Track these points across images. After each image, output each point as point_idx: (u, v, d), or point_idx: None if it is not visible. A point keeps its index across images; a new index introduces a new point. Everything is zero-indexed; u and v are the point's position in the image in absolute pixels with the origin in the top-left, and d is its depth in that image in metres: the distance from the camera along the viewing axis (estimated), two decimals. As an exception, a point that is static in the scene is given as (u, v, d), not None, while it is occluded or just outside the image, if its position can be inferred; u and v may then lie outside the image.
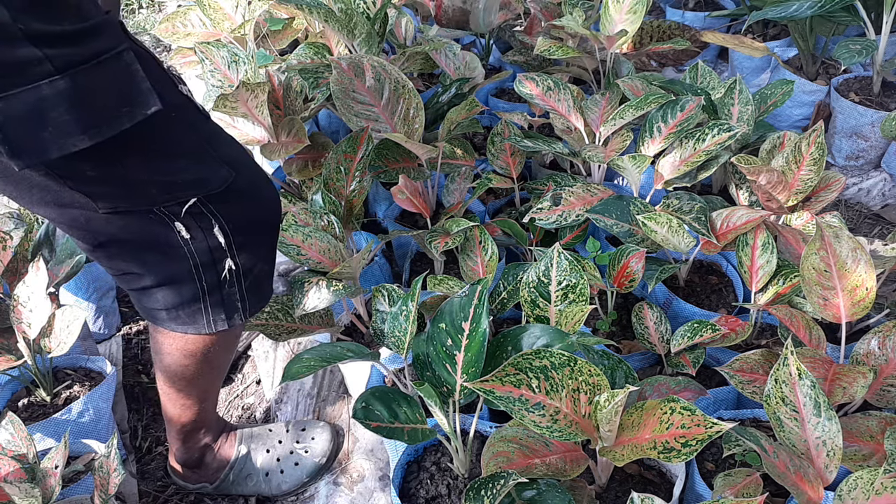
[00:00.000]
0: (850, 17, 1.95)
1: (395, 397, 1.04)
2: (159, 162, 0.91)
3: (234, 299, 1.06)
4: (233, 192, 0.98)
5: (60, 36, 0.75)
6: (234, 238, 1.00)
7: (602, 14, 1.81)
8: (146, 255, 0.99)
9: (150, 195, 0.92)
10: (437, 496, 1.08)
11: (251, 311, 1.10)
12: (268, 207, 1.08)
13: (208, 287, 1.02)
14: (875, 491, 0.86)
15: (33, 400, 1.39)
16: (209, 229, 0.97)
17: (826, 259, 1.15)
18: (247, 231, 1.02)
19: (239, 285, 1.05)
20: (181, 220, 0.95)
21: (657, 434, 0.88)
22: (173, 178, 0.93)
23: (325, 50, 1.76)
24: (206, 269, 1.00)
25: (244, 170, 1.02)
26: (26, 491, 1.04)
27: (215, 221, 0.97)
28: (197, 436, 1.30)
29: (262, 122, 1.55)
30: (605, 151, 1.51)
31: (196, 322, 1.06)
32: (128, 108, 0.81)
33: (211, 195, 0.95)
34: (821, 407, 0.95)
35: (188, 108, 0.94)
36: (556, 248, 1.16)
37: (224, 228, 0.98)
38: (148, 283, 1.02)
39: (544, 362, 0.91)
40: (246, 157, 1.06)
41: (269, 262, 1.12)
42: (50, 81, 0.74)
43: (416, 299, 1.09)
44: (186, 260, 0.98)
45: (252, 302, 1.09)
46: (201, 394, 1.22)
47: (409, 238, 1.61)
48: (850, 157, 2.05)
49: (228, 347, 1.20)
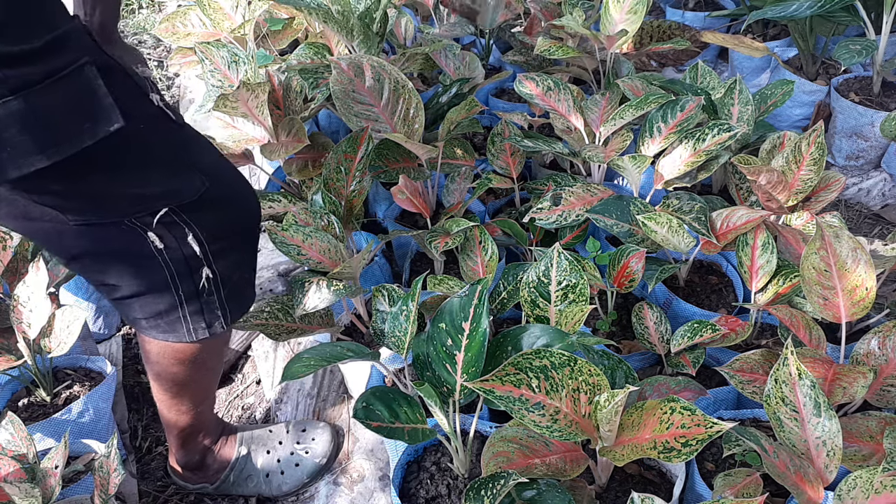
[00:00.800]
0: (850, 17, 1.95)
1: (395, 397, 1.04)
2: (128, 174, 0.89)
3: (214, 307, 1.04)
4: (207, 200, 0.96)
5: (20, 56, 0.74)
6: (209, 246, 0.98)
7: (602, 14, 1.81)
8: (120, 267, 0.98)
9: (120, 207, 0.91)
10: (437, 496, 1.08)
11: (233, 318, 1.08)
12: (245, 214, 1.06)
13: (186, 296, 1.01)
14: (874, 490, 0.86)
15: (33, 400, 1.39)
16: (183, 238, 0.96)
17: (826, 259, 1.15)
18: (223, 239, 1.01)
19: (218, 293, 1.03)
20: (154, 231, 0.93)
21: (657, 434, 0.88)
22: (143, 189, 0.91)
23: (324, 50, 1.76)
24: (183, 278, 0.99)
25: (221, 177, 1.00)
26: (26, 491, 1.04)
27: (189, 230, 0.96)
28: (196, 439, 1.29)
29: (262, 122, 1.55)
30: (605, 151, 1.51)
31: (176, 331, 1.05)
32: (89, 124, 0.79)
33: (184, 204, 0.94)
34: (821, 407, 0.95)
35: (160, 118, 0.92)
36: (556, 248, 1.16)
37: (199, 237, 0.97)
38: (124, 294, 1.00)
39: (544, 362, 0.91)
40: (223, 164, 1.04)
41: (249, 269, 1.10)
42: (3, 102, 0.73)
43: (416, 299, 1.09)
44: (162, 270, 0.97)
45: (233, 309, 1.07)
46: (196, 398, 1.21)
47: (409, 238, 1.61)
48: (850, 157, 2.05)
49: (217, 353, 1.19)
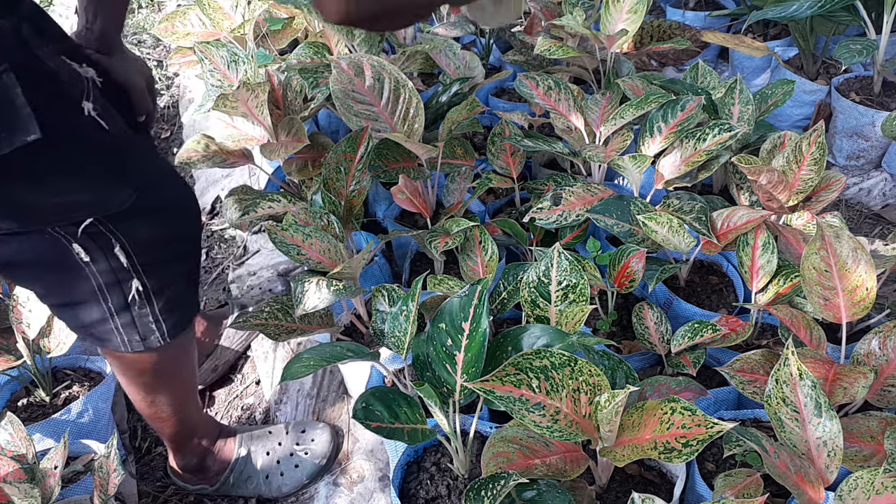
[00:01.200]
0: (850, 16, 1.95)
1: (395, 397, 1.04)
2: (49, 183, 0.86)
3: (147, 321, 1.01)
4: (138, 211, 0.93)
5: None
6: (139, 258, 0.95)
7: (602, 14, 1.80)
8: (47, 276, 0.95)
9: (41, 216, 0.89)
10: (437, 497, 1.08)
11: (173, 332, 1.05)
12: (183, 226, 1.02)
13: (115, 308, 0.98)
14: (875, 491, 0.86)
15: (33, 400, 1.39)
16: (109, 249, 0.93)
17: (826, 259, 1.15)
18: (154, 251, 0.98)
19: (151, 307, 1.00)
20: (78, 241, 0.91)
21: (658, 434, 0.88)
22: (66, 199, 0.89)
23: (324, 49, 1.76)
24: (111, 289, 0.96)
25: (157, 188, 0.97)
26: (26, 491, 1.04)
27: (116, 241, 0.93)
28: (190, 443, 1.29)
29: (262, 122, 1.55)
30: (605, 151, 1.51)
31: (111, 341, 1.02)
32: (5, 133, 0.77)
33: (111, 215, 0.91)
34: (821, 407, 0.94)
35: (89, 126, 0.89)
36: (556, 248, 1.16)
37: (126, 249, 0.94)
38: (54, 303, 0.99)
39: (544, 362, 0.90)
40: (161, 174, 1.01)
41: (188, 281, 1.06)
42: None
43: (416, 299, 1.09)
44: (89, 281, 0.94)
45: (172, 323, 1.04)
46: (173, 405, 1.19)
47: (409, 238, 1.61)
48: (851, 157, 2.05)
49: (179, 361, 1.15)
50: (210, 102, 1.62)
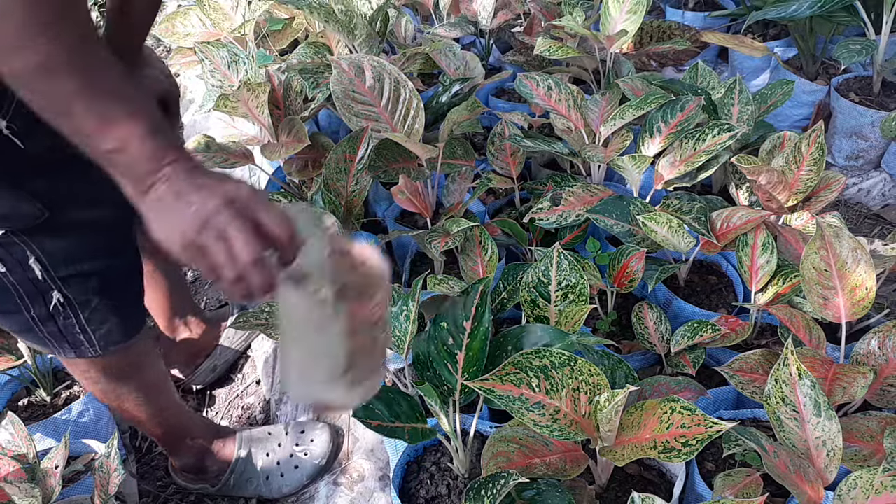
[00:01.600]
0: (850, 17, 1.95)
1: (395, 397, 1.04)
2: None
3: (75, 332, 1.00)
4: (52, 228, 0.91)
5: None
6: (56, 272, 0.94)
7: (602, 14, 1.81)
8: None
9: None
10: (437, 496, 1.08)
11: (106, 343, 1.03)
12: (106, 244, 0.99)
13: (40, 318, 0.97)
14: (875, 490, 0.86)
15: (33, 400, 1.39)
16: (24, 261, 0.91)
17: (826, 259, 1.15)
18: (72, 265, 0.95)
19: (76, 318, 0.99)
20: None
21: (657, 434, 0.88)
22: None
23: (325, 50, 1.76)
24: (33, 299, 0.95)
25: (78, 206, 0.94)
26: (26, 491, 1.04)
27: (31, 253, 0.91)
28: (182, 444, 1.29)
29: (263, 122, 1.55)
30: (605, 151, 1.51)
31: (46, 346, 1.01)
32: None
33: (24, 228, 0.89)
34: (821, 407, 0.95)
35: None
36: (556, 249, 1.16)
37: (42, 261, 0.92)
38: None
39: (544, 361, 0.91)
40: (91, 194, 0.95)
41: (115, 296, 1.03)
42: None
43: (416, 299, 1.09)
44: (9, 290, 0.93)
45: (102, 335, 1.02)
46: (147, 410, 1.18)
47: (409, 238, 1.61)
48: (850, 157, 2.05)
49: (133, 370, 1.13)
50: (211, 103, 1.62)
